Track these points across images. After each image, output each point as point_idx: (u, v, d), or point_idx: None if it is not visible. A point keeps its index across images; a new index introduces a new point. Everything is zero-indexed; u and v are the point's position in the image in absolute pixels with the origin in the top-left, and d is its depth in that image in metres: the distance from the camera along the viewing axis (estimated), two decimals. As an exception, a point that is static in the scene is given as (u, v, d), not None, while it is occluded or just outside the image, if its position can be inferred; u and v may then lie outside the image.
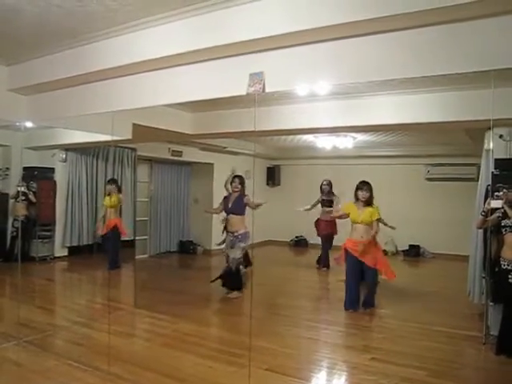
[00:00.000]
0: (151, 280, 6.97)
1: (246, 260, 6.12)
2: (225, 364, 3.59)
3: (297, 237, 10.93)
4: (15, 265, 7.34)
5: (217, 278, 5.88)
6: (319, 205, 8.04)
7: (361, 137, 7.91)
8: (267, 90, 2.67)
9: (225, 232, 6.01)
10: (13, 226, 7.09)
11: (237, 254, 5.81)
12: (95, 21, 3.00)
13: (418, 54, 2.51)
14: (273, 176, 11.64)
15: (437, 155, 8.79)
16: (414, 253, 9.25)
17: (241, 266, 5.90)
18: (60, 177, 8.16)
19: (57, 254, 8.07)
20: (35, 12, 2.90)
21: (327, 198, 7.84)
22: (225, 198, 6.06)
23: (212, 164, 9.36)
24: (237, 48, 2.68)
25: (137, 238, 8.77)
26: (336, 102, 4.94)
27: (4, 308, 5.19)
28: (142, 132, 5.46)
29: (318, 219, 8.03)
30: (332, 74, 2.66)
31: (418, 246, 9.28)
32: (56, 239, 8.07)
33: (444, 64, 2.47)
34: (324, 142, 7.98)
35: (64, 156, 8.13)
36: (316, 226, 8.07)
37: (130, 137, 5.24)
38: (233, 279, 5.81)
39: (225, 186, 6.18)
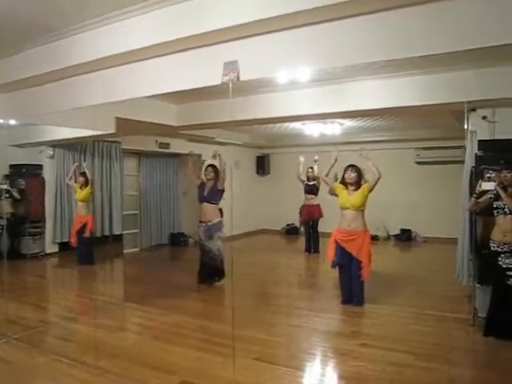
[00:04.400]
0: (141, 273, 6.98)
1: None
2: (213, 354, 3.59)
3: (288, 225, 10.95)
4: (3, 262, 7.35)
5: (200, 277, 5.86)
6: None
7: (348, 123, 7.89)
8: (242, 79, 2.64)
9: None
10: None
11: (218, 244, 5.78)
12: (67, 16, 2.95)
13: (396, 35, 2.47)
14: (262, 165, 11.64)
15: (426, 139, 8.80)
16: (405, 237, 9.30)
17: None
18: (48, 173, 8.07)
19: (48, 251, 8.03)
20: (5, 8, 2.83)
21: (311, 184, 7.89)
22: (199, 186, 5.98)
23: (200, 155, 9.30)
24: (211, 37, 2.64)
25: (127, 231, 8.78)
26: (318, 89, 4.92)
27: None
28: (125, 125, 5.42)
29: (303, 205, 8.11)
30: (308, 59, 2.63)
31: (410, 230, 9.32)
32: (46, 236, 8.03)
33: (422, 45, 2.43)
34: (311, 129, 7.96)
35: (51, 152, 8.04)
36: (300, 213, 8.16)
37: (113, 131, 5.20)
38: (215, 270, 5.81)
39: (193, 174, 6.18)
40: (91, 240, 7.20)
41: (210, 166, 6.08)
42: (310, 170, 8.21)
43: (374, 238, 9.48)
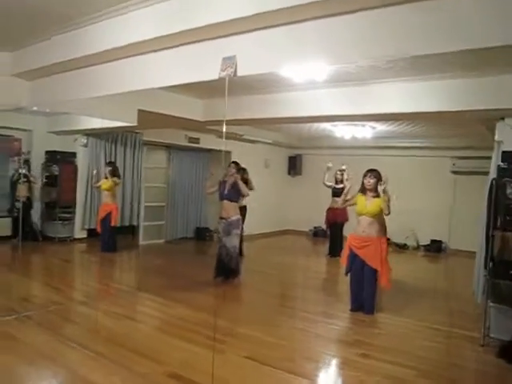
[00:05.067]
0: (161, 265, 7.09)
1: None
2: (206, 349, 3.59)
3: (315, 227, 10.83)
4: (36, 244, 7.71)
5: (216, 272, 5.89)
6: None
7: (381, 127, 7.69)
8: (240, 74, 2.61)
9: None
10: (15, 206, 7.30)
11: (234, 241, 5.79)
12: (79, 5, 3.03)
13: (402, 32, 2.36)
14: (294, 165, 11.56)
15: (462, 147, 8.45)
16: (435, 248, 8.97)
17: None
18: (81, 161, 8.38)
19: (76, 236, 8.35)
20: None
21: (338, 187, 7.71)
22: (220, 183, 6.01)
23: (230, 152, 9.35)
24: (209, 32, 2.63)
25: (153, 223, 8.96)
26: (341, 90, 4.80)
27: (12, 284, 5.41)
28: (148, 118, 5.52)
29: (329, 208, 7.97)
30: (309, 55, 2.56)
31: (440, 241, 8.97)
32: (76, 221, 8.34)
33: (422, 43, 2.31)
34: (342, 131, 7.82)
35: (85, 141, 8.33)
36: (326, 216, 8.02)
37: (135, 123, 5.30)
38: (230, 267, 5.83)
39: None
40: (115, 229, 7.39)
41: (233, 162, 6.10)
42: (338, 172, 8.04)
43: (403, 247, 9.24)
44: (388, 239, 8.73)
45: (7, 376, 2.98)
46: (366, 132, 7.70)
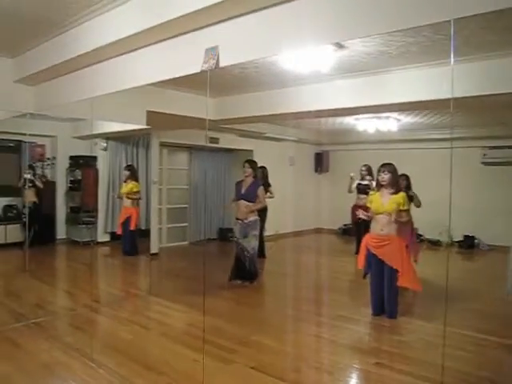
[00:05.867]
0: (180, 267, 6.98)
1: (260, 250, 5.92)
2: (212, 359, 3.41)
3: (345, 225, 10.43)
4: (59, 248, 7.80)
5: (232, 275, 5.71)
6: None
7: (406, 119, 7.29)
8: (222, 65, 2.41)
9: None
10: (22, 212, 7.26)
11: (252, 243, 5.59)
12: (62, 8, 2.94)
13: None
14: (321, 162, 11.23)
15: (494, 137, 7.88)
16: (468, 244, 8.45)
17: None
18: (102, 165, 8.41)
19: (99, 240, 8.38)
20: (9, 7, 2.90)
21: (364, 184, 7.34)
22: (237, 183, 5.82)
23: (252, 151, 9.17)
24: (191, 22, 2.44)
25: (176, 224, 8.89)
26: (359, 80, 4.50)
27: (29, 289, 5.44)
28: (160, 119, 5.42)
29: (354, 205, 7.58)
30: (295, 39, 2.32)
31: (473, 236, 8.45)
32: (99, 225, 8.37)
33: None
34: (365, 125, 7.47)
35: (105, 145, 8.35)
36: (352, 213, 7.63)
37: (144, 124, 5.20)
38: (247, 270, 5.64)
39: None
40: (136, 232, 7.32)
41: (247, 161, 5.90)
42: (363, 168, 7.66)
43: (436, 244, 8.76)
44: (420, 235, 8.36)
45: (0, 387, 2.92)
46: (390, 125, 7.31)
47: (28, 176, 7.01)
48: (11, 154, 7.83)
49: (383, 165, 4.51)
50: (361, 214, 4.64)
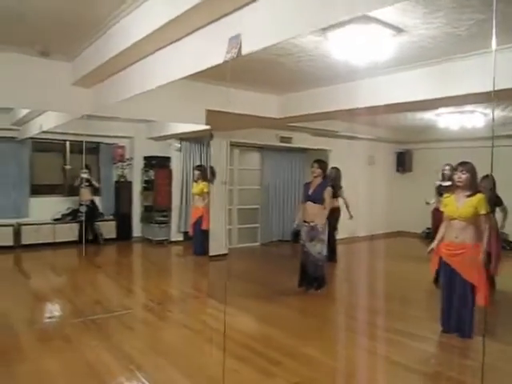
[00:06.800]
0: (248, 269, 6.81)
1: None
2: (253, 369, 3.22)
3: (428, 228, 9.55)
4: (136, 246, 8.10)
5: (300, 282, 5.45)
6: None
7: (495, 112, 6.46)
8: (245, 52, 2.19)
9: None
10: (79, 210, 7.57)
11: (319, 248, 5.26)
12: (101, 8, 2.95)
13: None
14: (403, 162, 10.51)
15: None
16: None
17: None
18: (175, 165, 8.61)
19: (173, 239, 8.60)
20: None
21: (445, 186, 6.60)
22: (306, 184, 5.53)
23: (326, 150, 8.79)
24: (215, 7, 2.26)
25: (247, 225, 8.80)
26: (428, 69, 3.99)
27: (94, 286, 5.66)
28: (223, 119, 5.32)
29: (435, 209, 6.86)
30: (324, 12, 2.01)
31: None
32: (172, 225, 8.58)
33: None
34: (447, 121, 6.77)
35: (179, 145, 8.55)
36: (432, 217, 6.92)
37: (203, 123, 5.14)
38: (314, 276, 5.32)
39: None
40: (207, 232, 7.34)
41: (316, 161, 5.60)
42: (446, 167, 6.93)
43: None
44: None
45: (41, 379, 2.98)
46: (476, 120, 6.53)
47: (85, 175, 7.34)
48: (93, 155, 8.33)
49: (460, 163, 3.97)
50: None
